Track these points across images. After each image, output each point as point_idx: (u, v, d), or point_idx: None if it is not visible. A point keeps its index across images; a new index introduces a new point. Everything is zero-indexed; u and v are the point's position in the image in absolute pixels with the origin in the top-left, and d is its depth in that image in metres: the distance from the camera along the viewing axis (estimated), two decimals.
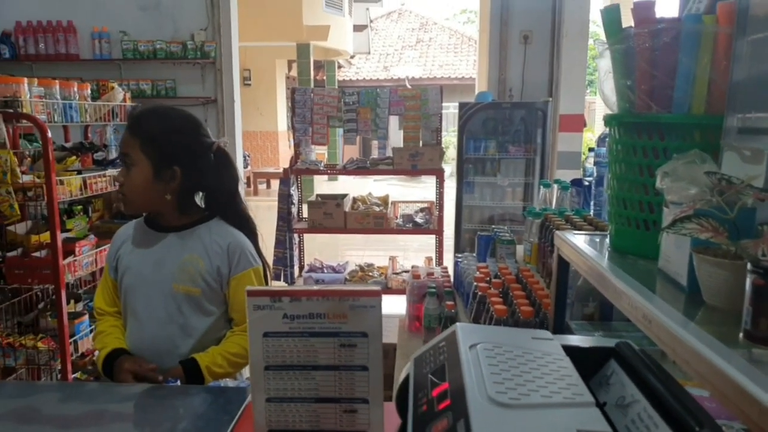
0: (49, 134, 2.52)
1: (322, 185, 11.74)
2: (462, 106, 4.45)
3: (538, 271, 2.30)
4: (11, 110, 2.52)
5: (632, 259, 1.31)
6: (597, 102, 9.42)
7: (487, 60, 4.97)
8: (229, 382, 1.38)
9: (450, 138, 12.84)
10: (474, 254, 2.73)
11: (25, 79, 2.63)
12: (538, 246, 2.32)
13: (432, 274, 2.70)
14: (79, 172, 2.88)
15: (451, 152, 8.35)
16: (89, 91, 3.13)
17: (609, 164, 1.40)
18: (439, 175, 4.33)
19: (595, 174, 2.31)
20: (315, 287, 0.86)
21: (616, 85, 1.25)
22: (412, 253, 6.81)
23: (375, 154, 12.85)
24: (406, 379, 0.77)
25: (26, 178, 2.61)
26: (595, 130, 8.84)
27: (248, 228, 1.66)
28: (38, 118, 2.56)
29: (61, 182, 2.62)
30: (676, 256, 1.08)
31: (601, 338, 0.83)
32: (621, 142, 1.31)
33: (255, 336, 0.87)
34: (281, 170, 12.65)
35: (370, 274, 4.72)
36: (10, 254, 2.67)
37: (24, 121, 2.73)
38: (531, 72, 4.68)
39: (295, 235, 4.69)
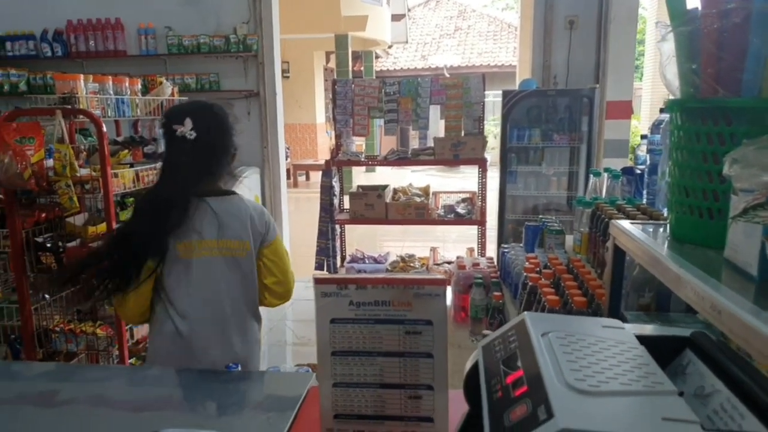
0: (104, 129, 2.61)
1: (360, 176, 11.79)
2: (506, 95, 4.40)
3: (589, 261, 2.26)
4: (69, 106, 2.61)
5: (694, 249, 1.28)
6: (643, 88, 9.17)
7: (530, 47, 4.89)
8: (288, 369, 1.41)
9: (489, 127, 12.70)
10: (521, 245, 2.70)
11: (81, 76, 2.71)
12: (588, 236, 2.28)
13: (477, 264, 2.68)
14: (131, 165, 2.97)
15: (490, 141, 8.26)
16: (139, 87, 3.22)
17: (669, 151, 1.36)
18: (482, 164, 4.29)
19: (648, 162, 2.25)
20: (380, 275, 0.87)
21: (680, 69, 1.22)
22: (451, 244, 6.79)
23: (413, 144, 12.82)
24: (475, 366, 0.77)
25: (83, 172, 2.71)
26: (641, 117, 8.61)
27: None
28: (94, 114, 2.64)
29: (116, 175, 2.70)
30: (746, 244, 1.05)
31: (671, 328, 0.81)
32: (683, 128, 1.27)
33: (322, 322, 0.89)
34: (320, 162, 12.77)
35: (412, 264, 4.73)
36: (69, 245, 2.77)
37: (79, 116, 2.83)
38: (576, 58, 4.59)
39: (337, 226, 4.73)
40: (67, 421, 1.00)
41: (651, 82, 8.81)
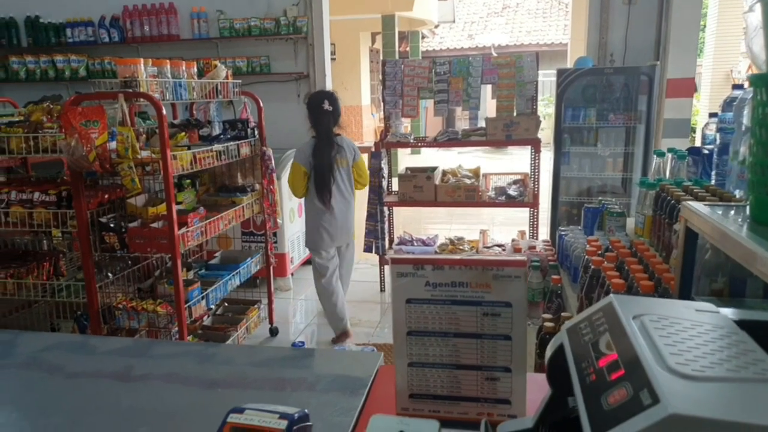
0: (164, 112, 2.67)
1: (405, 158, 11.74)
2: (560, 73, 4.28)
3: (652, 244, 2.19)
4: (131, 90, 2.67)
5: None
6: (703, 65, 8.73)
7: (584, 24, 4.73)
8: (353, 347, 1.42)
9: (540, 107, 12.41)
10: (579, 227, 2.64)
11: (142, 61, 2.77)
12: (652, 218, 2.20)
13: (534, 247, 2.64)
14: (188, 148, 3.03)
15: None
16: (195, 70, 3.27)
17: (752, 129, 1.29)
18: (536, 145, 4.20)
19: (718, 141, 2.15)
20: (458, 257, 0.85)
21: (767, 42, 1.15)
22: (497, 226, 6.70)
23: (459, 125, 12.65)
24: (559, 350, 0.75)
25: (143, 154, 2.78)
26: (700, 95, 8.22)
27: None
28: (154, 97, 2.70)
29: (174, 157, 2.76)
30: None
31: None
32: None
33: (398, 302, 0.88)
34: (365, 144, 12.75)
35: (461, 247, 4.70)
36: (131, 225, 2.87)
37: (138, 99, 2.90)
38: (635, 34, 4.41)
39: (385, 208, 4.73)
40: (144, 396, 1.03)
41: (712, 58, 8.39)
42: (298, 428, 0.80)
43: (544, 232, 4.72)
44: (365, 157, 3.90)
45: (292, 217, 4.81)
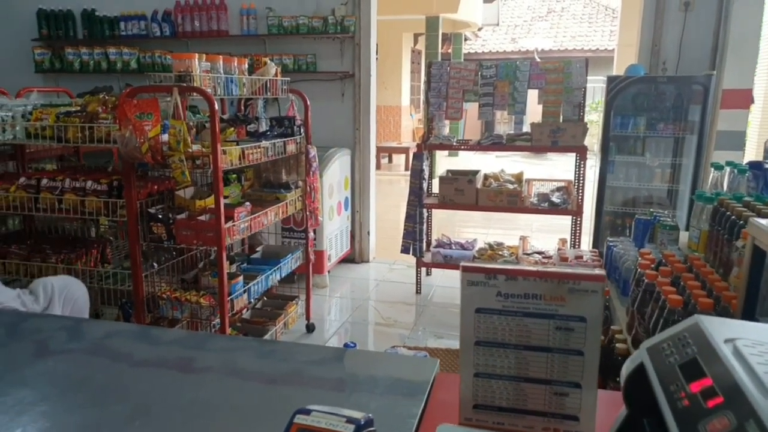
0: (216, 106, 2.71)
1: (442, 160, 11.68)
2: (611, 81, 4.19)
3: (708, 260, 2.12)
4: (185, 84, 2.72)
5: None
6: (757, 74, 8.41)
7: (636, 30, 4.62)
8: (405, 351, 1.41)
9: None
10: (629, 238, 2.58)
11: (196, 55, 2.81)
12: (709, 233, 2.14)
13: (581, 257, 2.59)
14: (237, 143, 3.07)
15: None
16: (246, 66, 3.31)
17: None
18: (582, 152, 4.12)
19: None
20: (533, 268, 0.84)
21: None
22: (533, 233, 6.61)
23: (498, 129, 12.53)
24: (639, 369, 0.73)
25: (193, 148, 2.82)
26: (754, 106, 7.93)
27: None
28: (207, 91, 2.74)
29: (224, 152, 2.80)
30: None
31: None
32: None
33: (467, 310, 0.87)
34: (403, 145, 12.74)
35: (500, 253, 4.64)
36: (178, 217, 2.92)
37: (191, 94, 2.94)
38: (690, 42, 4.28)
39: (424, 210, 4.71)
40: (207, 389, 1.04)
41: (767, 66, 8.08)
42: None
43: (585, 241, 4.63)
44: (402, 157, 3.79)
45: (332, 215, 4.84)
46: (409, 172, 5.00)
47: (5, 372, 1.10)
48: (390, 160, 12.89)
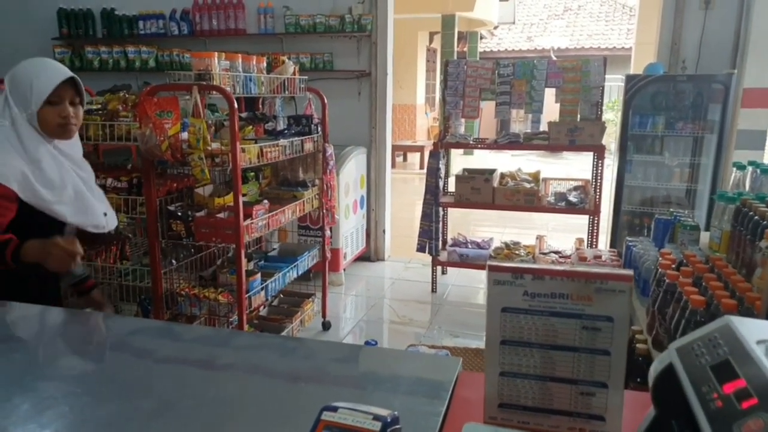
0: (235, 105, 2.72)
1: (457, 159, 11.65)
2: (629, 80, 4.15)
3: (729, 260, 2.10)
4: (204, 82, 2.74)
5: None
6: None
7: (655, 28, 4.57)
8: (426, 350, 1.41)
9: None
10: (649, 238, 2.55)
11: (216, 54, 2.83)
12: (731, 234, 2.11)
13: (600, 256, 2.58)
14: (255, 141, 3.09)
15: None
16: (264, 65, 3.32)
17: None
18: (599, 152, 4.10)
19: None
20: (559, 267, 0.84)
21: None
22: (548, 232, 6.57)
23: (513, 128, 12.47)
24: (668, 370, 0.73)
25: (212, 146, 2.85)
26: None
27: None
28: (226, 90, 2.76)
29: (243, 150, 2.82)
30: None
31: None
32: None
33: (493, 310, 0.87)
34: (418, 143, 12.71)
35: (517, 252, 4.63)
36: (197, 214, 2.94)
37: (210, 92, 2.96)
38: (710, 40, 4.23)
39: (440, 209, 4.71)
40: (230, 386, 1.05)
41: None
42: (391, 431, 0.80)
43: (602, 241, 4.60)
44: (417, 155, 3.78)
45: (348, 213, 4.85)
46: (423, 171, 5.00)
47: (33, 367, 1.12)
48: (405, 159, 12.87)
